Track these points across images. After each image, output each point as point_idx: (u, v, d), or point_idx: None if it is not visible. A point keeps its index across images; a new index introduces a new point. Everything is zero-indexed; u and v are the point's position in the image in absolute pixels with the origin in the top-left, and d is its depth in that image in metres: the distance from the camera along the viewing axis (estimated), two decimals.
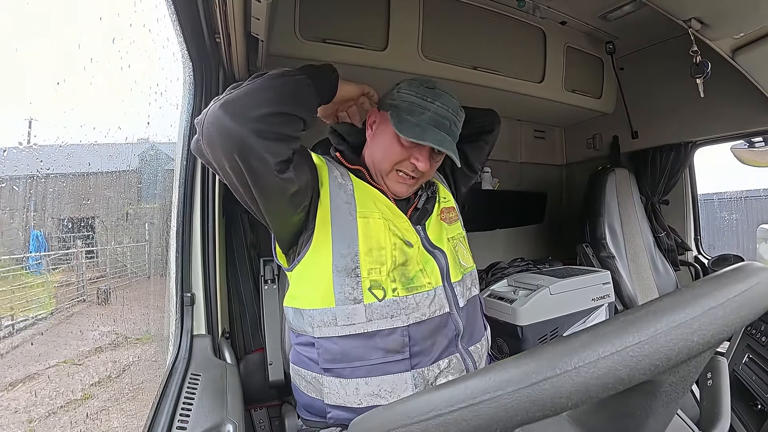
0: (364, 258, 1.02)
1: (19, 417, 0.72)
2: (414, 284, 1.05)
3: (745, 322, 0.41)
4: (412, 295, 1.03)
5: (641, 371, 0.37)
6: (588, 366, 0.36)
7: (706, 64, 1.44)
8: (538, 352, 0.39)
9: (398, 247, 1.05)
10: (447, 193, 1.32)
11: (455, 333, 1.08)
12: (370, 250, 1.03)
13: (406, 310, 1.02)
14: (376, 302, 1.00)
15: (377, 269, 1.02)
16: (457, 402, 0.39)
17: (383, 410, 0.45)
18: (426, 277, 1.07)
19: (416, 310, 1.03)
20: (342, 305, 1.00)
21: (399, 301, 1.01)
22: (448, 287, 1.11)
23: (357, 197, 1.08)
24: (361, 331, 1.00)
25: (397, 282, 1.03)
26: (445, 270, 1.11)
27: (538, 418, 0.37)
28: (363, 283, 1.00)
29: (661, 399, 0.48)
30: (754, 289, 0.41)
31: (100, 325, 1.00)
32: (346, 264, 1.01)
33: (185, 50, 1.29)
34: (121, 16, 0.93)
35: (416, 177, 1.12)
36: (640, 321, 0.39)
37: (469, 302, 1.15)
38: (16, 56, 0.57)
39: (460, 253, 1.20)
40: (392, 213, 1.11)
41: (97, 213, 1.03)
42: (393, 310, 1.01)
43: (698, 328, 0.38)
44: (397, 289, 1.02)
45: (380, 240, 1.04)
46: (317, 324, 1.03)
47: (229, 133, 0.79)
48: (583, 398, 0.37)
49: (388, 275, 1.02)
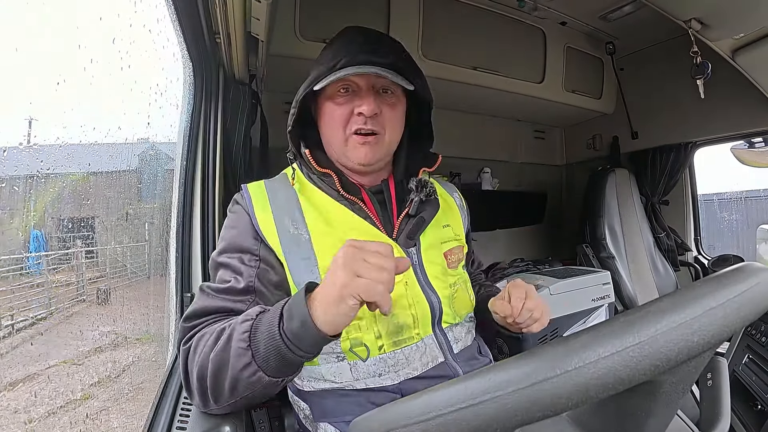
0: None
1: (19, 417, 0.72)
2: (402, 336, 0.92)
3: (746, 322, 0.41)
4: (401, 350, 0.91)
5: (641, 372, 0.37)
6: (588, 366, 0.36)
7: (706, 65, 1.44)
8: (538, 352, 0.39)
9: None
10: (461, 229, 1.14)
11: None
12: None
13: (395, 366, 0.90)
14: (360, 362, 0.89)
15: (356, 326, 0.89)
16: (457, 402, 0.39)
17: (383, 410, 0.45)
18: (416, 327, 0.93)
19: (407, 365, 0.91)
20: (326, 364, 0.91)
21: (386, 358, 0.90)
22: (440, 334, 0.97)
23: (315, 247, 0.91)
24: (349, 388, 0.91)
25: (384, 337, 0.90)
26: (437, 315, 0.96)
27: (538, 418, 0.37)
28: (342, 345, 0.88)
29: (661, 399, 0.48)
30: (754, 289, 0.41)
31: (99, 325, 1.00)
32: None
33: (185, 50, 1.29)
34: (121, 16, 0.93)
35: (375, 132, 0.94)
36: (640, 321, 0.38)
37: (466, 348, 1.02)
38: (16, 56, 0.57)
39: (460, 297, 1.04)
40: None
41: (97, 213, 1.03)
42: (380, 368, 0.90)
43: (698, 329, 0.38)
44: (383, 345, 0.90)
45: None
46: (306, 378, 0.94)
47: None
48: (584, 398, 0.37)
49: (370, 330, 0.90)
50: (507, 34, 2.10)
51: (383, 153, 0.99)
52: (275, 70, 1.73)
